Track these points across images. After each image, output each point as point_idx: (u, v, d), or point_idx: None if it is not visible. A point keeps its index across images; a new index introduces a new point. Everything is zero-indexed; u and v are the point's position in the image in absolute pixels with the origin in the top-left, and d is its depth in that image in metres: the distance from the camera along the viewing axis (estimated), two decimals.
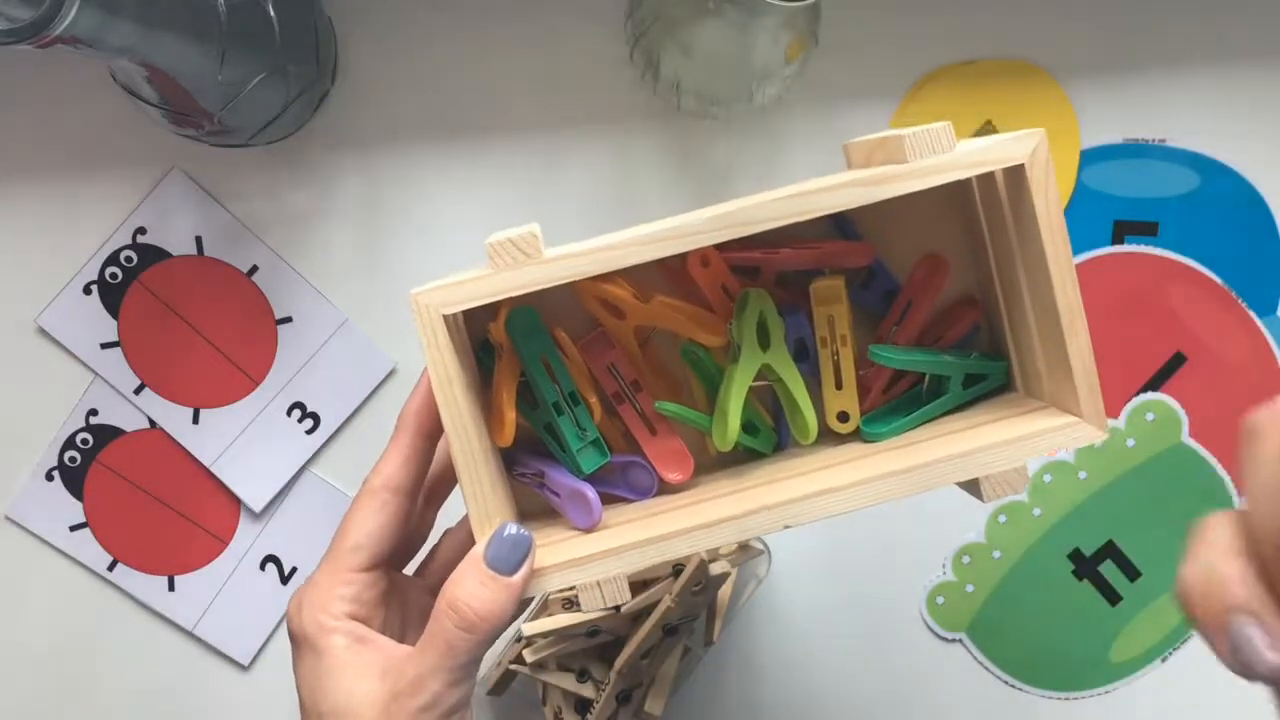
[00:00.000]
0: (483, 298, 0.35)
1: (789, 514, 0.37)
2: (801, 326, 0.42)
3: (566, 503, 0.40)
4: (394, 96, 0.57)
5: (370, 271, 0.58)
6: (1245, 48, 0.57)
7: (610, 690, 0.54)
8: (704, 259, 0.41)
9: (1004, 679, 0.61)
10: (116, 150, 0.57)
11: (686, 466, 0.42)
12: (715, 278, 0.41)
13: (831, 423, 0.42)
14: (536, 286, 0.35)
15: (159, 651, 0.60)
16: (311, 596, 0.37)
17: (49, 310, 0.58)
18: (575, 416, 0.40)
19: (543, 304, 0.40)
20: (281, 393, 0.58)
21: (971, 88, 0.57)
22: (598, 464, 0.41)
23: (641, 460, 0.42)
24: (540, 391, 0.40)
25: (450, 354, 0.35)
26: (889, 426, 0.41)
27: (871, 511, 0.59)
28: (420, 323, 0.35)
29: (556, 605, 0.56)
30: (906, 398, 0.43)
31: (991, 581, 0.60)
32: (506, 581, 0.35)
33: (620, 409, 0.42)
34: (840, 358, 0.41)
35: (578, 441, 0.40)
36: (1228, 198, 0.58)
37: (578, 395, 0.40)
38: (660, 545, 0.37)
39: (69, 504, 0.59)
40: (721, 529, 0.37)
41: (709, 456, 0.43)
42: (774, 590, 0.60)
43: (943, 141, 0.35)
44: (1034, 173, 0.36)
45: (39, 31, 0.33)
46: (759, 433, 0.43)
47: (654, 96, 0.56)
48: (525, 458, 0.42)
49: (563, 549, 0.37)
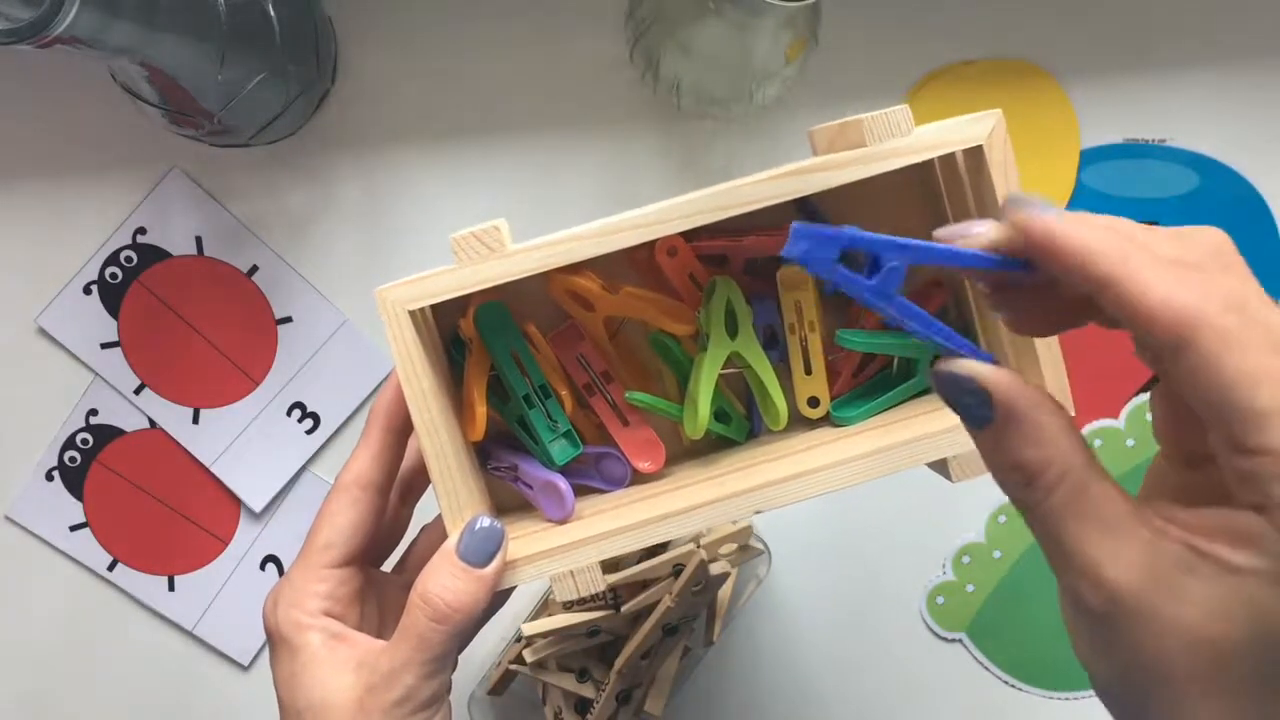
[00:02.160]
0: (447, 293, 0.35)
1: (760, 499, 0.37)
2: (770, 314, 0.42)
3: (540, 495, 0.40)
4: (394, 96, 0.57)
5: (370, 271, 0.58)
6: (1245, 49, 0.57)
7: (610, 690, 0.54)
8: (670, 249, 0.41)
9: (1004, 679, 0.61)
10: (116, 150, 0.57)
11: (658, 456, 0.42)
12: (682, 267, 0.41)
13: (802, 408, 0.42)
14: (500, 280, 0.36)
15: (159, 651, 0.60)
16: (286, 594, 0.37)
17: (49, 310, 0.58)
18: (547, 409, 0.40)
19: (513, 298, 0.40)
20: (281, 393, 0.58)
21: (972, 88, 0.57)
22: (570, 455, 0.41)
23: (614, 451, 0.42)
24: (511, 385, 0.40)
25: (417, 349, 0.36)
26: (858, 410, 0.41)
27: (870, 512, 0.60)
28: (386, 318, 0.36)
29: (557, 605, 0.56)
30: (876, 381, 0.43)
31: (992, 581, 0.60)
32: (479, 574, 0.35)
33: (592, 400, 0.42)
34: (808, 343, 0.42)
35: (549, 434, 0.40)
36: (1227, 198, 0.58)
37: (549, 388, 0.40)
38: (632, 534, 0.37)
39: (69, 504, 0.59)
40: (693, 516, 0.37)
41: (682, 446, 0.44)
42: (774, 590, 0.60)
43: (901, 125, 0.36)
44: (992, 153, 0.36)
45: (39, 32, 0.33)
46: (731, 421, 0.43)
47: (654, 96, 0.56)
48: (499, 452, 0.42)
49: (536, 540, 0.38)
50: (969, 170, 0.38)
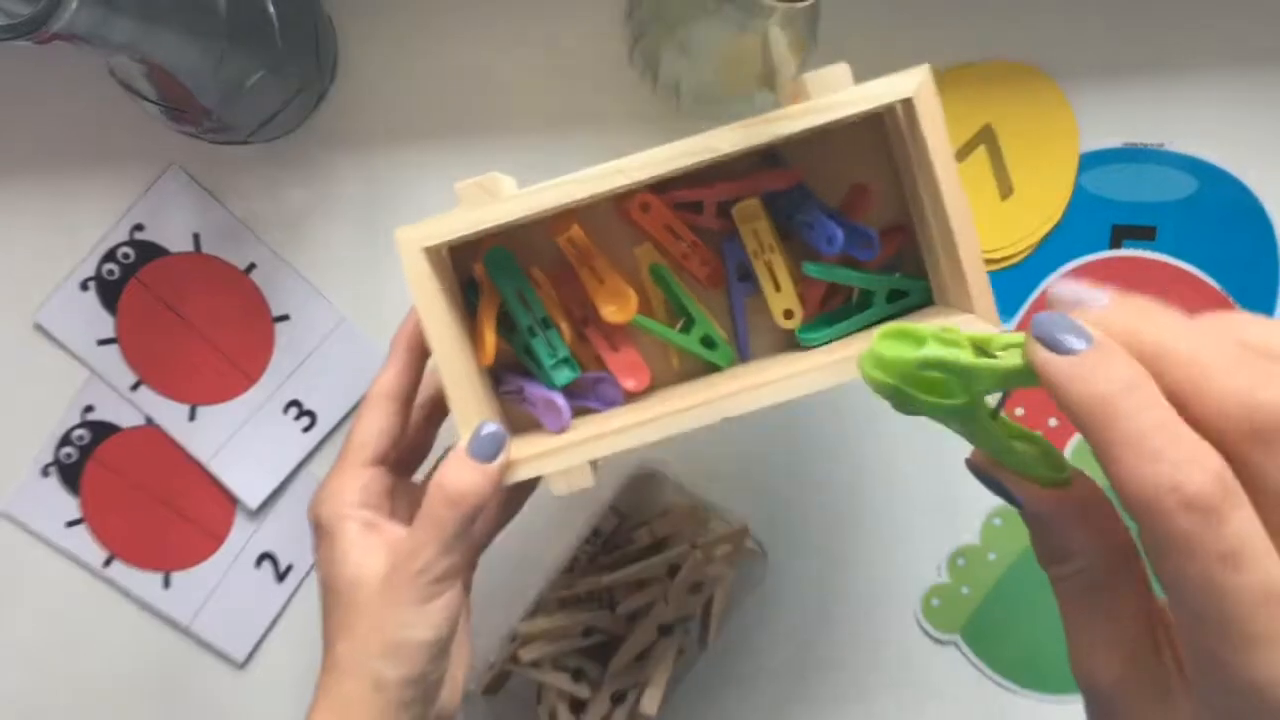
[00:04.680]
0: (453, 232, 0.41)
1: (725, 406, 0.42)
2: (739, 253, 0.47)
3: (541, 410, 0.46)
4: (394, 95, 0.57)
5: (368, 270, 0.58)
6: (1245, 53, 0.57)
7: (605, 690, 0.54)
8: (643, 204, 0.46)
9: (998, 681, 0.61)
10: (114, 147, 0.57)
11: (644, 375, 0.48)
12: (658, 219, 0.47)
13: (779, 320, 0.47)
14: (498, 221, 0.41)
15: (154, 648, 0.60)
16: (329, 490, 0.44)
17: (46, 306, 0.58)
18: (548, 339, 0.46)
19: (523, 246, 0.47)
20: (278, 390, 0.58)
21: (971, 91, 0.57)
22: (569, 378, 0.46)
23: (608, 376, 0.48)
24: (517, 318, 0.46)
25: (431, 282, 0.42)
26: (821, 333, 0.46)
27: (867, 512, 0.60)
28: (403, 255, 0.41)
29: (553, 604, 0.56)
30: (839, 310, 0.48)
31: (986, 584, 0.60)
32: (485, 468, 0.41)
33: (587, 330, 0.48)
34: (773, 264, 0.47)
35: (550, 359, 0.46)
36: (1226, 203, 0.58)
37: (549, 320, 0.46)
38: (615, 437, 0.43)
39: (65, 500, 0.59)
40: (666, 421, 0.42)
41: (673, 372, 0.49)
42: (769, 591, 0.60)
43: (842, 81, 0.41)
44: (921, 105, 0.41)
45: (38, 27, 0.33)
46: (716, 346, 0.48)
47: (653, 97, 0.56)
48: (509, 376, 0.48)
49: (535, 444, 0.44)
50: (907, 122, 0.42)
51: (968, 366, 0.27)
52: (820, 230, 0.45)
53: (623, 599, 0.54)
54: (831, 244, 0.44)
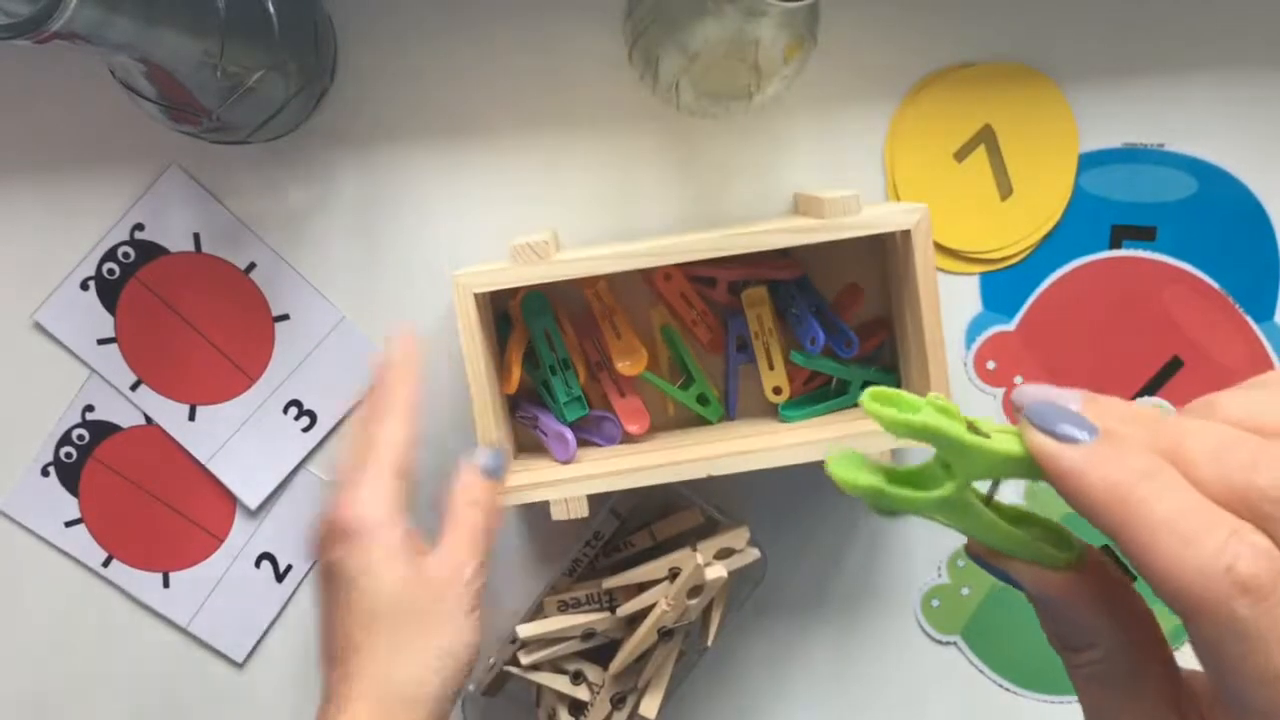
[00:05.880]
0: (504, 284, 0.49)
1: (713, 465, 0.51)
2: (741, 328, 0.56)
3: (551, 441, 0.54)
4: (393, 95, 0.57)
5: (368, 269, 0.58)
6: (1244, 53, 0.57)
7: (605, 693, 0.54)
8: (666, 275, 0.55)
9: (998, 682, 0.61)
10: (114, 146, 0.57)
11: (644, 421, 0.56)
12: (676, 288, 0.56)
13: (768, 395, 0.55)
14: (541, 280, 0.49)
15: (153, 648, 0.60)
16: (367, 493, 0.44)
17: (46, 306, 0.58)
18: (565, 378, 0.54)
19: (553, 288, 0.54)
20: (278, 390, 0.58)
21: (971, 90, 0.57)
22: (578, 415, 0.55)
23: (611, 416, 0.56)
24: (541, 356, 0.54)
25: (476, 319, 0.49)
26: (802, 412, 0.55)
27: (865, 514, 0.60)
28: (456, 296, 0.48)
29: (552, 607, 0.56)
30: (818, 392, 0.57)
31: (986, 585, 0.60)
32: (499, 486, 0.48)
33: (599, 375, 0.56)
34: (769, 346, 0.55)
35: (565, 396, 0.54)
36: (1225, 203, 0.58)
37: (569, 362, 0.55)
38: (613, 478, 0.51)
39: (64, 500, 0.59)
40: (660, 471, 0.51)
41: (669, 419, 0.58)
42: (769, 594, 0.60)
43: (852, 207, 0.48)
44: (917, 237, 0.49)
45: (37, 27, 0.33)
46: (709, 404, 0.57)
47: (653, 96, 0.56)
48: (526, 405, 0.56)
49: (544, 473, 0.52)
50: (902, 244, 0.50)
51: (963, 442, 0.24)
52: (807, 328, 0.53)
53: (622, 602, 0.54)
54: (814, 344, 0.53)
